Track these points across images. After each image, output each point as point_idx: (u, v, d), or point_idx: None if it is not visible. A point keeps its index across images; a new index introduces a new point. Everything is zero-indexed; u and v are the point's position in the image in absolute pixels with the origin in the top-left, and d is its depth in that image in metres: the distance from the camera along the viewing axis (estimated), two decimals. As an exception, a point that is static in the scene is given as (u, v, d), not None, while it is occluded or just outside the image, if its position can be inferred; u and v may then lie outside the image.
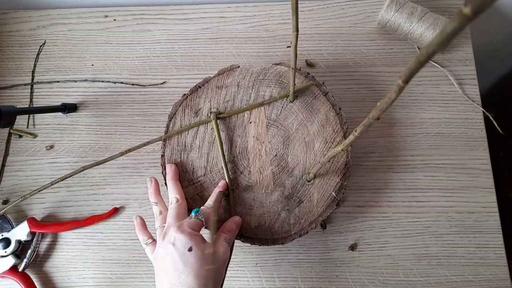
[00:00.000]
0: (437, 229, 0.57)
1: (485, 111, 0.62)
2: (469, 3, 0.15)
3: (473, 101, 0.62)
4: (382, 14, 0.62)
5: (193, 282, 0.39)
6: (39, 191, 0.54)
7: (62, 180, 0.54)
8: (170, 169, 0.52)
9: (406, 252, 0.56)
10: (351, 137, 0.33)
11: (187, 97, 0.56)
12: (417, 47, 0.64)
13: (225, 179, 0.52)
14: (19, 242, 0.56)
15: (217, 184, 0.51)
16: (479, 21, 0.72)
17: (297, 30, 0.36)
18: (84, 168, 0.54)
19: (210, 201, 0.49)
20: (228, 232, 0.47)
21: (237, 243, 0.52)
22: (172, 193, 0.49)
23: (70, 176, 0.54)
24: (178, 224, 0.43)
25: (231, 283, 0.56)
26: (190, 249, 0.41)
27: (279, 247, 0.57)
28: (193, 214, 0.45)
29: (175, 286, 0.39)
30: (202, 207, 0.47)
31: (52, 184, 0.53)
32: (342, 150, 0.38)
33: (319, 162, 0.48)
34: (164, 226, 0.46)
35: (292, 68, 0.44)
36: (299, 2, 0.67)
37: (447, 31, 0.17)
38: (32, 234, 0.57)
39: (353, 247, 0.57)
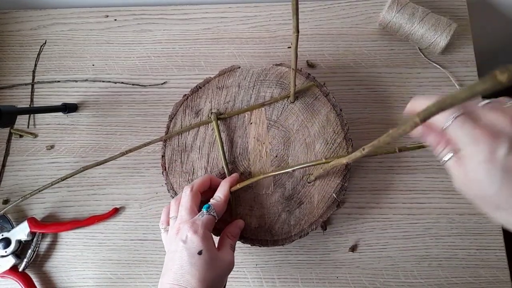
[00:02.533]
0: (438, 230, 0.57)
1: (486, 113, 0.61)
2: (505, 71, 0.15)
3: (474, 102, 0.61)
4: (383, 14, 0.62)
5: (196, 285, 0.39)
6: (39, 191, 0.54)
7: (63, 180, 0.54)
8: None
9: (406, 254, 0.56)
10: (357, 154, 0.33)
11: (187, 97, 0.56)
12: (418, 48, 0.64)
13: (238, 173, 0.52)
14: (19, 242, 0.56)
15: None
16: (480, 22, 0.72)
17: (298, 31, 0.36)
18: (85, 168, 0.54)
19: (219, 193, 0.47)
20: (233, 238, 0.47)
21: (237, 244, 0.52)
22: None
23: (71, 176, 0.54)
24: (192, 222, 0.42)
25: (231, 284, 0.56)
26: (200, 253, 0.40)
27: (279, 248, 0.57)
28: (204, 210, 0.44)
29: (176, 283, 0.39)
30: (212, 201, 0.46)
31: (52, 184, 0.54)
32: (348, 163, 0.38)
33: (321, 169, 0.48)
34: (176, 217, 0.45)
35: (293, 69, 0.44)
36: (300, 2, 0.67)
37: (477, 90, 0.17)
38: (32, 234, 0.57)
39: (353, 249, 0.57)
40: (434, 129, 0.32)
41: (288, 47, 0.65)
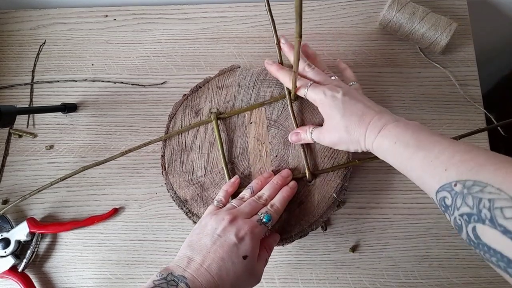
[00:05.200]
0: (438, 230, 0.57)
1: (486, 112, 0.61)
2: None
3: (474, 102, 0.61)
4: (383, 14, 0.61)
5: (227, 284, 0.38)
6: (38, 191, 0.54)
7: (62, 180, 0.54)
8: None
9: (407, 254, 0.56)
10: None
11: (187, 97, 0.56)
12: (419, 47, 0.64)
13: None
14: (18, 242, 0.56)
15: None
16: (480, 22, 0.72)
17: (300, 36, 0.36)
18: (84, 168, 0.54)
19: (278, 203, 0.47)
20: (269, 251, 0.46)
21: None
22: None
23: (70, 176, 0.54)
24: (254, 225, 0.42)
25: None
26: (245, 257, 0.40)
27: (279, 248, 0.57)
28: (266, 221, 0.44)
29: (208, 270, 0.38)
30: (269, 210, 0.45)
31: (52, 184, 0.53)
32: None
33: None
34: (235, 206, 0.45)
35: (294, 71, 0.44)
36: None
37: None
38: (32, 234, 0.57)
39: (353, 249, 0.56)
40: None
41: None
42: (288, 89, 0.52)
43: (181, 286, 0.37)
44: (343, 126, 0.44)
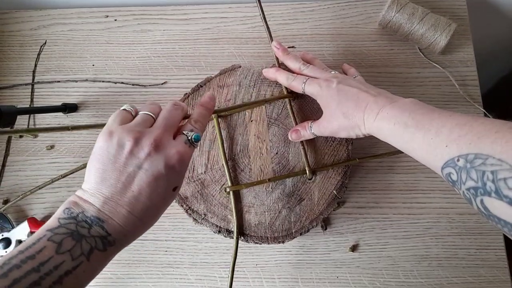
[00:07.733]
0: (438, 230, 0.57)
1: (486, 112, 0.62)
2: None
3: (474, 102, 0.62)
4: (383, 14, 0.62)
5: (141, 221, 0.33)
6: (39, 188, 0.54)
7: (63, 177, 0.54)
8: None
9: (406, 254, 0.56)
10: None
11: (188, 96, 0.56)
12: (418, 48, 0.64)
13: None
14: (19, 242, 0.56)
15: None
16: (480, 22, 0.72)
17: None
18: (85, 165, 0.54)
19: (202, 118, 0.40)
20: (197, 123, 0.38)
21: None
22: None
23: (72, 173, 0.54)
24: (182, 147, 0.34)
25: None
26: (175, 189, 0.34)
27: (279, 247, 0.57)
28: (195, 140, 0.36)
29: (122, 207, 0.32)
30: (193, 124, 0.38)
31: (52, 181, 0.54)
32: None
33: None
34: (150, 116, 0.37)
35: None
36: (300, 2, 0.67)
37: None
38: (33, 234, 0.57)
39: (353, 248, 0.57)
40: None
41: (289, 47, 0.65)
42: (287, 88, 0.53)
43: (96, 229, 0.31)
44: (340, 113, 0.45)
